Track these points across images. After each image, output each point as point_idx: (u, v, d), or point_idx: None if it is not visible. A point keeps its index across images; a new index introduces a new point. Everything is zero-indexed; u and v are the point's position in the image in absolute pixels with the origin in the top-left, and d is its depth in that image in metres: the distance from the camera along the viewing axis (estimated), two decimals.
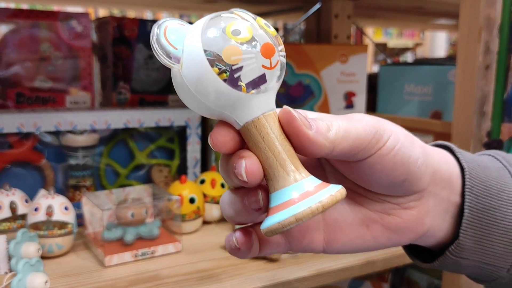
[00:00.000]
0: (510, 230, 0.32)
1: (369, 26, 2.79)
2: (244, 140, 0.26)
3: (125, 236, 0.59)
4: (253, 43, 0.24)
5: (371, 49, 3.71)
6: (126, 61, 0.81)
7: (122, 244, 0.59)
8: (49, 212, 0.57)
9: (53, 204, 0.57)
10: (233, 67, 0.24)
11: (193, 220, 0.67)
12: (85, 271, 0.54)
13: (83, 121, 0.68)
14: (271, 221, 0.25)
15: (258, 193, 0.27)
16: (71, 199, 0.71)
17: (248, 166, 0.25)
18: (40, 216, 0.56)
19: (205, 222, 0.71)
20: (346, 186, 0.29)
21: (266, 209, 0.27)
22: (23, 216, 0.60)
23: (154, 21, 0.82)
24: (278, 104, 0.26)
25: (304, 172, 0.26)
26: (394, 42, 4.14)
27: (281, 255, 0.58)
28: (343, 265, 0.57)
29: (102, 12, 2.72)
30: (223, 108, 0.25)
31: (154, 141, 0.78)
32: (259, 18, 0.26)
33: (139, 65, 0.83)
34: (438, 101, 0.83)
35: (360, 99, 0.88)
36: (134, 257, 0.57)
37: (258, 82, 0.25)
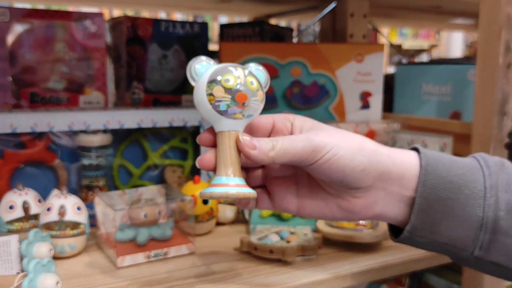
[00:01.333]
0: (470, 219, 0.40)
1: (384, 26, 2.76)
2: (216, 140, 0.42)
3: (138, 237, 0.58)
4: (234, 90, 0.39)
5: (385, 50, 3.68)
6: (140, 61, 0.81)
7: (135, 245, 0.58)
8: (62, 212, 0.56)
9: (65, 204, 0.57)
10: (217, 99, 0.39)
11: (206, 221, 0.66)
12: (97, 272, 0.54)
13: (97, 121, 0.68)
14: (204, 191, 0.41)
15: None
16: (84, 199, 0.70)
17: (202, 158, 0.41)
18: (53, 216, 0.56)
19: (219, 224, 0.70)
20: (313, 177, 0.44)
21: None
22: (36, 216, 0.60)
23: (168, 21, 0.82)
24: (293, 105, 0.43)
25: (237, 174, 0.40)
26: (409, 43, 4.10)
27: (296, 258, 0.57)
28: (360, 269, 0.56)
29: (117, 13, 2.72)
30: (208, 118, 0.41)
31: (168, 141, 0.77)
32: (250, 77, 0.40)
33: (153, 65, 0.82)
34: (457, 101, 0.81)
35: (377, 99, 0.86)
36: (147, 258, 0.56)
37: (229, 112, 0.40)
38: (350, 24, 0.93)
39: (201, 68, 0.40)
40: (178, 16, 2.93)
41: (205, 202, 0.65)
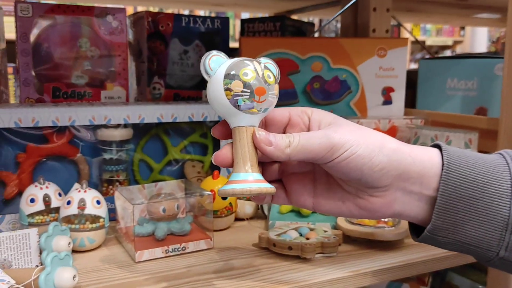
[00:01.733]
0: (495, 219, 0.38)
1: (407, 21, 2.71)
2: (232, 136, 0.41)
3: (156, 232, 0.58)
4: (252, 84, 0.38)
5: (408, 46, 3.62)
6: (160, 56, 0.81)
7: (153, 240, 0.58)
8: (81, 205, 0.57)
9: (85, 198, 0.57)
10: (235, 93, 0.38)
11: (225, 216, 0.65)
12: (115, 266, 0.54)
13: (117, 115, 0.68)
14: (222, 188, 0.40)
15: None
16: (104, 194, 0.71)
17: (218, 153, 0.40)
18: (73, 210, 0.56)
19: (238, 219, 0.69)
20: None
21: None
22: (57, 210, 0.60)
23: (189, 16, 0.82)
24: (313, 100, 0.45)
25: (255, 169, 0.40)
26: (432, 39, 4.02)
27: (315, 255, 0.56)
28: (380, 267, 0.55)
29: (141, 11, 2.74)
30: (225, 113, 0.40)
31: (188, 136, 0.77)
32: (267, 70, 0.40)
33: (173, 61, 0.82)
34: (483, 96, 0.79)
35: (399, 95, 0.85)
36: (165, 253, 0.56)
37: (248, 107, 0.39)
38: (373, 19, 0.91)
39: (215, 63, 0.39)
40: (201, 13, 2.94)
41: (223, 197, 0.65)
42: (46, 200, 0.60)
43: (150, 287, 0.49)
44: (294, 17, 1.23)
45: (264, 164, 0.44)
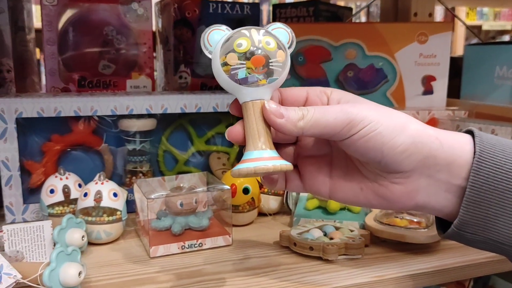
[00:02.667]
0: None
1: (462, 5, 2.56)
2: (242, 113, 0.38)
3: (173, 227, 0.56)
4: (248, 54, 0.35)
5: (462, 32, 3.44)
6: (187, 44, 0.78)
7: (170, 234, 0.57)
8: (97, 198, 0.55)
9: (102, 190, 0.56)
10: (231, 67, 0.36)
11: (247, 211, 0.63)
12: (129, 261, 0.52)
13: (139, 105, 0.66)
14: (235, 168, 0.37)
15: None
16: (128, 185, 0.70)
17: (230, 129, 0.38)
18: (89, 202, 0.55)
19: (262, 214, 0.67)
20: (350, 157, 0.40)
21: None
22: (76, 201, 0.59)
23: (216, 2, 0.79)
24: (346, 90, 0.40)
25: (268, 146, 0.36)
26: (489, 24, 3.80)
27: (338, 256, 0.52)
28: (409, 273, 0.50)
29: None
30: (229, 90, 0.37)
31: (213, 127, 0.74)
32: (266, 37, 0.36)
33: (200, 48, 0.80)
34: None
35: (441, 84, 0.78)
36: (181, 249, 0.54)
37: (247, 79, 0.36)
38: (414, 2, 0.85)
39: (216, 37, 0.37)
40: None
41: (245, 192, 0.62)
42: (66, 191, 0.59)
43: (160, 285, 0.47)
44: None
45: (278, 146, 0.40)
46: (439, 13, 3.51)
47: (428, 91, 0.79)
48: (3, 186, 0.63)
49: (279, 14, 0.93)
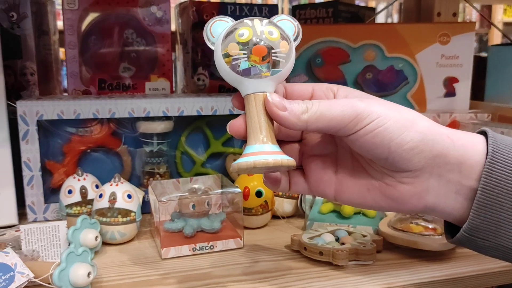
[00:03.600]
0: None
1: (498, 2, 2.48)
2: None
3: (185, 229, 0.57)
4: (250, 43, 0.34)
5: (497, 32, 3.32)
6: (205, 47, 0.78)
7: (182, 236, 0.57)
8: (112, 199, 0.57)
9: (116, 192, 0.57)
10: (233, 57, 0.35)
11: (260, 214, 0.63)
12: (141, 262, 0.53)
13: (156, 107, 0.67)
14: (235, 162, 0.35)
15: None
16: (145, 186, 0.71)
17: (232, 122, 0.37)
18: (104, 203, 0.57)
19: (276, 217, 0.66)
20: (356, 155, 0.38)
21: None
22: (93, 201, 0.61)
23: (234, 4, 0.79)
24: (365, 92, 0.38)
25: (270, 139, 0.35)
26: None
27: (348, 262, 0.52)
28: (421, 280, 0.49)
29: None
30: (231, 83, 0.36)
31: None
32: (270, 26, 0.35)
33: None
34: None
35: (464, 86, 0.76)
36: (192, 251, 0.55)
37: (249, 71, 0.35)
38: (438, 1, 0.82)
39: (219, 29, 0.36)
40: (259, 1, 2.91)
41: (258, 195, 0.62)
42: (83, 191, 0.61)
43: (169, 286, 0.48)
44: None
45: (282, 144, 0.39)
46: (474, 11, 3.40)
47: (451, 93, 0.77)
48: (25, 186, 0.65)
49: (299, 15, 0.92)
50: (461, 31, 0.74)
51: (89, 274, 0.43)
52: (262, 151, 0.34)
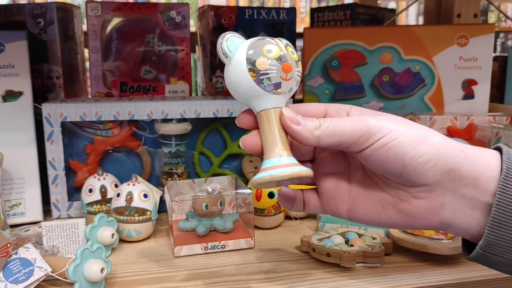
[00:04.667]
0: None
1: None
2: (258, 123, 0.37)
3: (198, 228, 0.59)
4: (278, 60, 0.35)
5: None
6: None
7: (195, 235, 0.59)
8: (128, 198, 0.59)
9: (133, 191, 0.59)
10: (261, 72, 0.35)
11: (273, 215, 0.64)
12: (155, 259, 0.56)
13: (174, 110, 0.69)
14: (254, 178, 0.36)
15: None
16: (164, 185, 0.73)
17: (246, 139, 0.37)
18: (121, 202, 0.59)
19: (289, 218, 0.68)
20: (369, 172, 0.38)
21: None
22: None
23: (253, 8, 0.81)
24: (382, 94, 0.48)
25: (286, 153, 0.36)
26: None
27: (355, 264, 0.52)
28: (427, 284, 0.49)
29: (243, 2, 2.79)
30: (250, 98, 0.36)
31: (247, 131, 0.76)
32: (289, 47, 0.37)
33: None
34: None
35: (483, 88, 0.75)
36: (204, 250, 0.57)
37: (275, 86, 0.36)
38: (458, 2, 0.82)
39: (233, 44, 0.36)
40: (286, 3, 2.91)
41: (270, 196, 0.63)
42: (102, 190, 0.64)
43: (178, 284, 0.49)
44: (372, 3, 1.15)
45: None
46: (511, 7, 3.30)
47: (469, 95, 0.76)
48: (50, 184, 0.68)
49: (317, 18, 0.93)
50: (480, 33, 0.73)
51: (102, 270, 0.46)
52: (280, 164, 0.35)
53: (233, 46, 0.36)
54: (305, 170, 0.35)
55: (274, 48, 0.36)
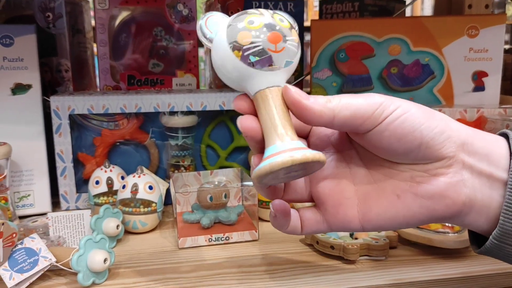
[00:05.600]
0: None
1: None
2: (255, 107, 0.32)
3: (202, 220, 0.59)
4: (263, 30, 0.31)
5: None
6: None
7: (200, 227, 0.59)
8: (134, 190, 0.59)
9: (138, 183, 0.60)
10: (244, 47, 0.31)
11: None
12: (159, 251, 0.56)
13: (180, 102, 0.70)
14: (256, 168, 0.30)
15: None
16: (170, 178, 0.74)
17: (244, 124, 0.32)
18: (126, 194, 0.60)
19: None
20: (374, 162, 0.35)
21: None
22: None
23: (258, 0, 0.80)
24: (390, 87, 0.42)
25: (291, 136, 0.31)
26: None
27: (359, 257, 0.52)
28: (432, 278, 0.49)
29: None
30: (240, 80, 0.32)
31: None
32: (276, 14, 0.32)
33: None
34: None
35: (494, 80, 0.74)
36: (208, 242, 0.57)
37: (265, 61, 0.31)
38: None
39: (215, 24, 0.32)
40: None
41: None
42: (109, 182, 0.64)
43: (180, 275, 0.50)
44: None
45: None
46: None
47: (480, 87, 0.75)
48: (58, 176, 0.69)
49: (325, 10, 0.92)
50: (490, 24, 0.72)
51: (105, 260, 0.46)
52: (285, 149, 0.30)
53: (214, 26, 0.32)
54: (318, 154, 0.30)
55: (256, 18, 0.31)
